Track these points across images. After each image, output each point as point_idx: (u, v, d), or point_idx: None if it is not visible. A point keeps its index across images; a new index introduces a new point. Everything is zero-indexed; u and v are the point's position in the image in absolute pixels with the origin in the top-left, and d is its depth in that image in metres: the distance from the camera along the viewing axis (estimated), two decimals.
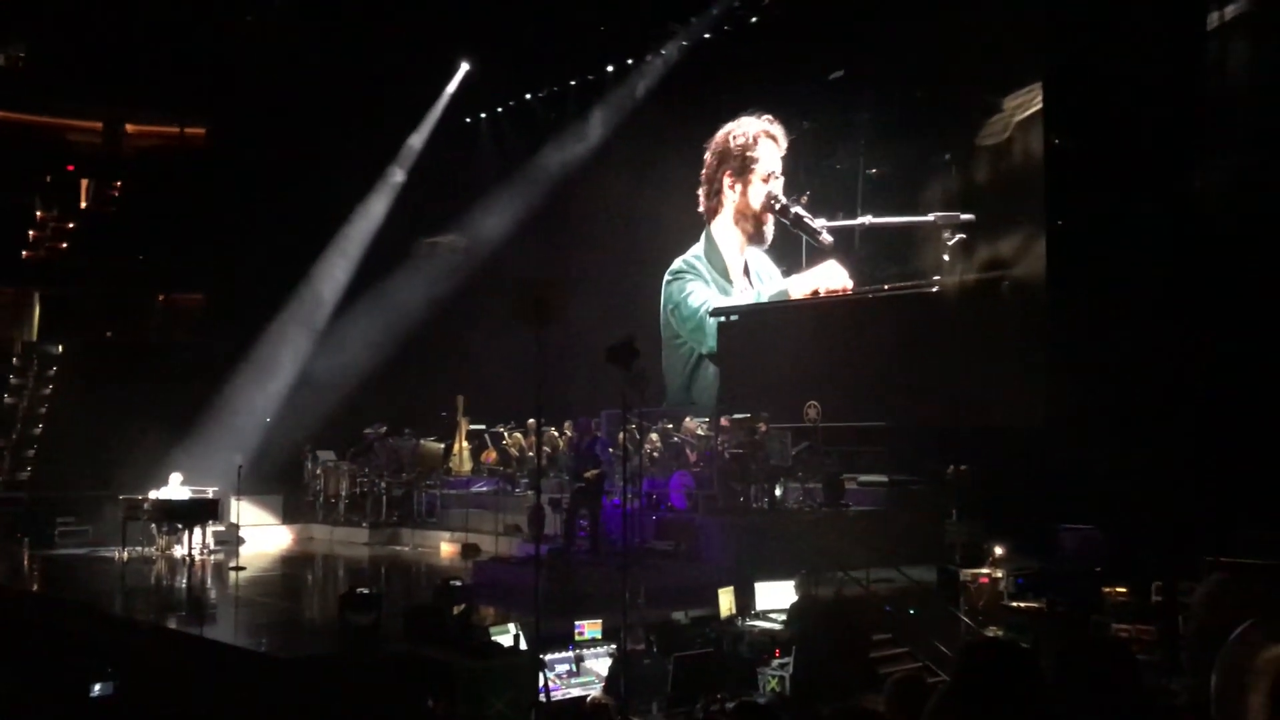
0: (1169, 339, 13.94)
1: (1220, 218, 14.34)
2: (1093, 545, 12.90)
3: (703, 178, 22.25)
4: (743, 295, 21.58)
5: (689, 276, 22.57)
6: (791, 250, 20.65)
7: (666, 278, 22.94)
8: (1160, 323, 14.13)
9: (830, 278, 19.94)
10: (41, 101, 25.18)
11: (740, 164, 21.61)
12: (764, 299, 21.14)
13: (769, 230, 21.14)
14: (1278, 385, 12.94)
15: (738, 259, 21.75)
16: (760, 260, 21.39)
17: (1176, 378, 13.83)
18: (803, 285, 20.41)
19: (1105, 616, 10.99)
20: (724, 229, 22.00)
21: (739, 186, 21.69)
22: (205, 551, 17.26)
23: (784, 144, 20.89)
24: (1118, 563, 12.02)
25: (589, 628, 9.90)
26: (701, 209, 22.30)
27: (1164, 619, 10.41)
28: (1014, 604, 11.66)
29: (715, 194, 22.06)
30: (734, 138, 21.71)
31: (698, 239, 22.47)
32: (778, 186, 20.93)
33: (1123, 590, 11.22)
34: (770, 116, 21.11)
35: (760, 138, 21.29)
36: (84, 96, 25.13)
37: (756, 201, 21.35)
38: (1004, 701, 2.69)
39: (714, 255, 22.13)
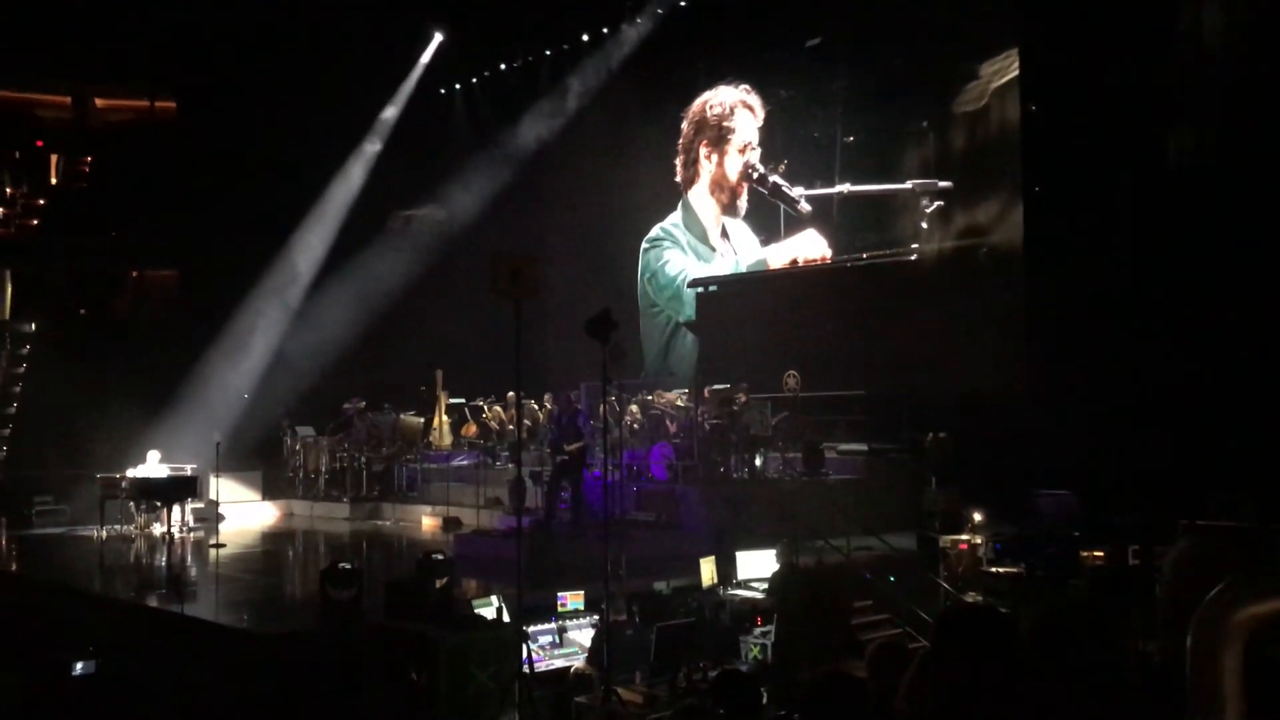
0: (1145, 305, 14.03)
1: (1196, 182, 14.41)
2: (1070, 510, 13.01)
3: (679, 147, 22.20)
4: (721, 263, 21.59)
5: (666, 244, 22.54)
6: (770, 219, 20.65)
7: (644, 245, 22.90)
8: (1136, 288, 14.21)
9: (809, 247, 19.95)
10: (8, 76, 24.80)
11: (717, 134, 21.57)
12: (743, 267, 21.16)
13: (743, 201, 21.15)
14: (1253, 350, 13.05)
15: (715, 227, 21.75)
16: (738, 228, 21.39)
17: (1152, 343, 13.93)
18: (781, 255, 20.43)
19: (1084, 580, 11.09)
20: (700, 198, 21.98)
21: (715, 156, 21.65)
22: (185, 529, 17.19)
23: (761, 114, 20.85)
24: (1095, 527, 12.13)
25: (571, 599, 9.95)
26: (679, 178, 22.26)
27: (1141, 581, 10.51)
28: (993, 569, 11.77)
29: (692, 163, 22.02)
30: (711, 107, 21.65)
31: (675, 208, 22.43)
32: (755, 157, 20.90)
33: (1100, 554, 11.32)
34: (748, 86, 21.05)
35: (737, 108, 21.24)
36: (51, 70, 24.77)
37: (733, 172, 21.32)
38: (983, 665, 2.73)
39: (692, 223, 22.11)
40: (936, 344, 16.40)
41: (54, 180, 26.26)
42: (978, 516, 12.75)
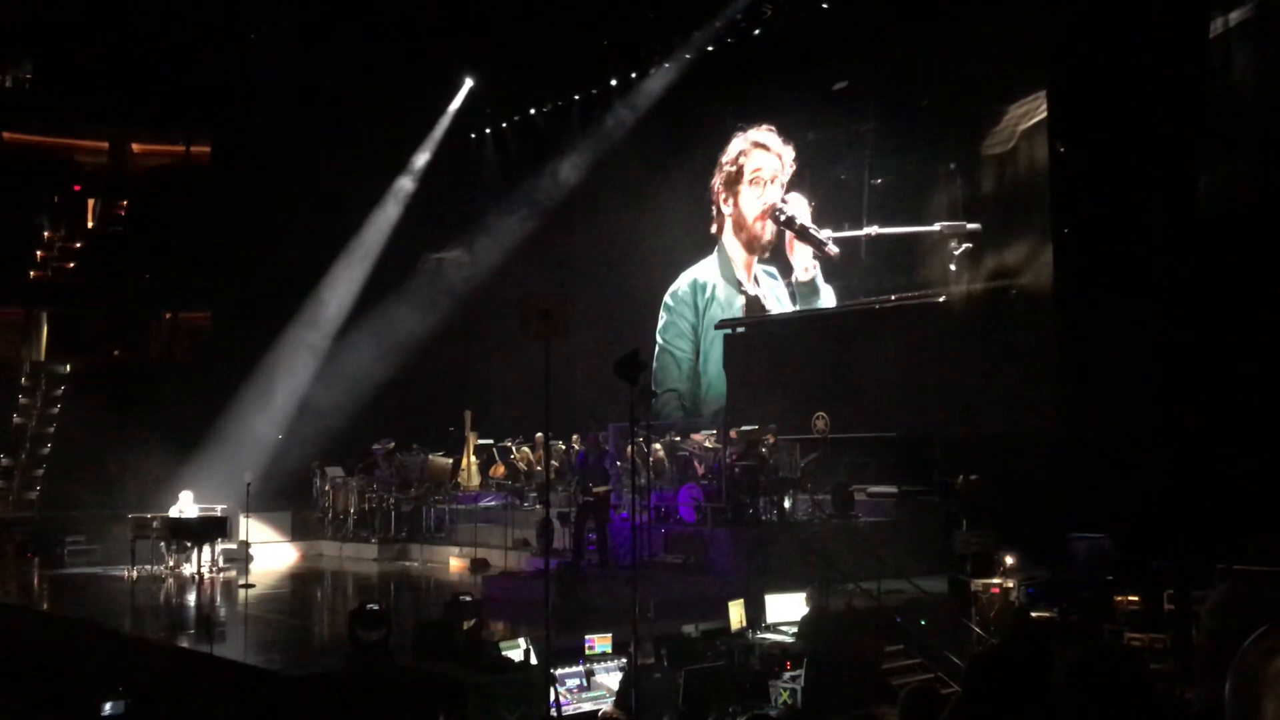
0: (1177, 345, 13.93)
1: (1226, 223, 14.34)
2: (1103, 554, 12.87)
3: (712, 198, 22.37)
4: (752, 307, 21.60)
5: (675, 313, 22.70)
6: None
7: (670, 298, 22.96)
8: (1169, 329, 14.12)
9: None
10: (48, 122, 25.30)
11: (728, 177, 21.79)
12: (776, 309, 21.18)
13: (766, 236, 21.16)
14: None
15: (746, 272, 21.76)
16: (768, 274, 21.42)
17: (1186, 384, 13.80)
18: None
19: (1118, 625, 10.96)
20: (730, 242, 22.06)
21: (731, 200, 21.82)
22: (214, 569, 17.26)
23: (783, 148, 20.91)
24: (1129, 571, 11.99)
25: (599, 642, 9.89)
26: (714, 228, 22.37)
27: (1177, 628, 10.37)
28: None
29: (718, 214, 22.17)
30: (725, 154, 21.89)
31: (702, 252, 22.48)
32: (773, 193, 20.95)
33: (1134, 599, 11.19)
34: (769, 126, 21.17)
35: (747, 150, 21.47)
36: (90, 116, 25.24)
37: (748, 208, 21.43)
38: (1015, 711, 2.70)
39: (725, 268, 22.13)
40: (967, 386, 16.33)
41: (90, 224, 26.66)
42: (1010, 560, 12.63)
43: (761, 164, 21.26)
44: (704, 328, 22.39)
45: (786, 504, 15.65)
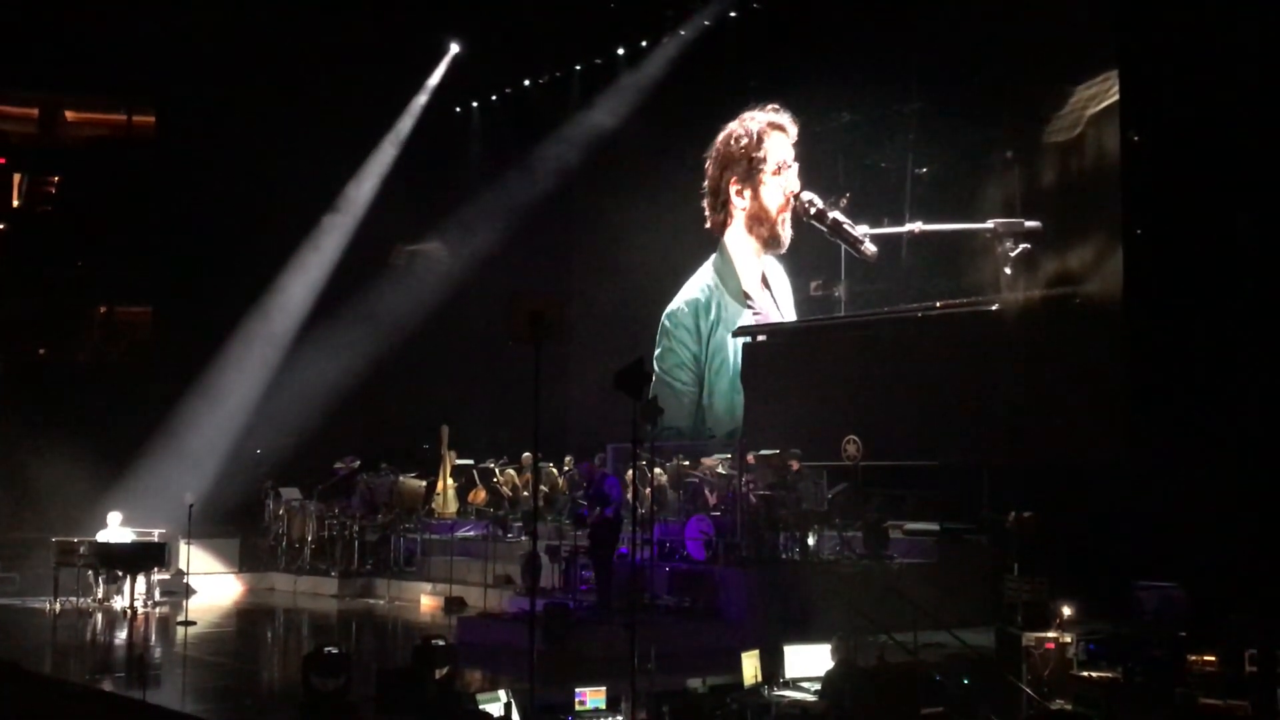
0: (1266, 364, 13.92)
1: None
2: (1176, 606, 12.84)
3: (705, 189, 22.28)
4: (759, 318, 21.63)
5: (676, 333, 22.76)
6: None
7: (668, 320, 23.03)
8: (1255, 346, 14.11)
9: None
10: None
11: (746, 167, 21.73)
12: (784, 316, 21.20)
13: (785, 232, 21.19)
14: None
15: (754, 273, 21.79)
16: (779, 275, 21.43)
17: (1275, 409, 13.79)
18: None
19: (1191, 689, 10.95)
20: (737, 240, 22.07)
21: (748, 191, 21.81)
22: (149, 603, 17.28)
23: (794, 131, 20.99)
24: (1205, 626, 11.97)
25: (591, 696, 9.88)
26: (708, 225, 22.33)
27: (1260, 693, 10.36)
28: (1084, 673, 11.64)
29: (722, 206, 22.16)
30: (735, 140, 21.85)
31: (710, 252, 22.49)
32: (791, 177, 20.96)
33: (1211, 659, 11.17)
34: (775, 106, 21.23)
35: (765, 132, 21.47)
36: (16, 78, 25.27)
37: (771, 202, 21.45)
38: None
39: (728, 274, 22.12)
40: (1021, 408, 16.31)
41: (16, 202, 26.69)
42: (1067, 611, 12.60)
43: (784, 151, 21.28)
44: (707, 356, 22.41)
45: (810, 541, 15.67)
